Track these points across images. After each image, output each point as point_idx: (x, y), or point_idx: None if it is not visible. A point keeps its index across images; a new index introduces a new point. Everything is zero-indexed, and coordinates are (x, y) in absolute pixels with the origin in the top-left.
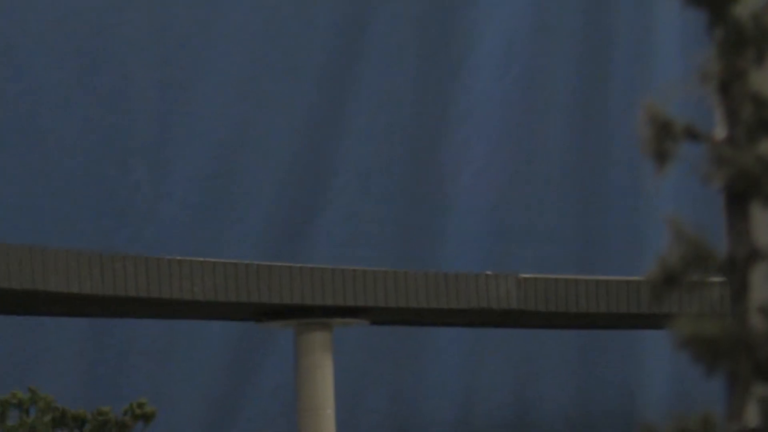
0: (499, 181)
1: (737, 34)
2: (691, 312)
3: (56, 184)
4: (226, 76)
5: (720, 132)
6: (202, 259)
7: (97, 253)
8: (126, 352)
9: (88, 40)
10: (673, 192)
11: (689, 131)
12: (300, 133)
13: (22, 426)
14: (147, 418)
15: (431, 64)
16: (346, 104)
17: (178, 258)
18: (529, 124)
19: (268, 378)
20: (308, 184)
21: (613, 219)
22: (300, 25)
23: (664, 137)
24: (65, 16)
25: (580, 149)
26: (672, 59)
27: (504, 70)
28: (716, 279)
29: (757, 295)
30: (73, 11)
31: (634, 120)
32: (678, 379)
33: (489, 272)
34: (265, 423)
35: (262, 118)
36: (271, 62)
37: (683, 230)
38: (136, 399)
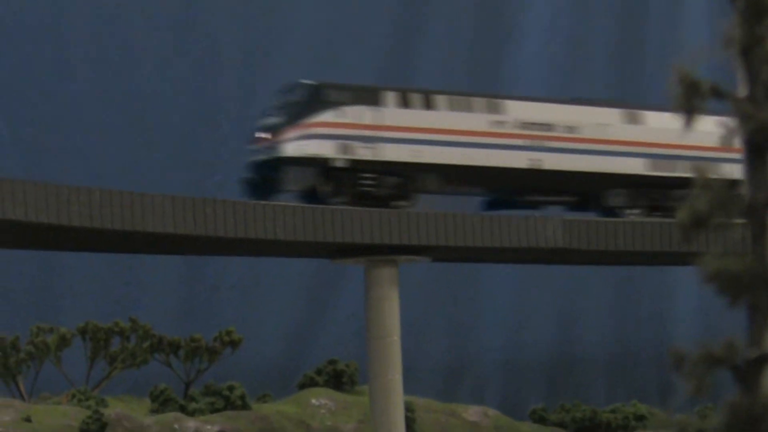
0: None
1: (757, 5)
2: (716, 251)
3: (154, 139)
4: (303, 42)
5: (742, 91)
6: (284, 203)
7: (190, 199)
8: (216, 286)
9: (181, 11)
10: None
11: (715, 90)
12: (375, 81)
13: (124, 351)
14: (234, 344)
15: (486, 29)
16: (410, 67)
17: (263, 202)
18: (572, 83)
19: (341, 308)
20: None
21: None
22: None
23: (693, 95)
24: None
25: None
26: (699, 27)
27: (550, 34)
28: (738, 222)
29: None
30: None
31: (666, 80)
32: (704, 310)
33: (537, 215)
34: (339, 348)
35: (337, 74)
36: (343, 30)
37: (709, 179)
38: (225, 327)
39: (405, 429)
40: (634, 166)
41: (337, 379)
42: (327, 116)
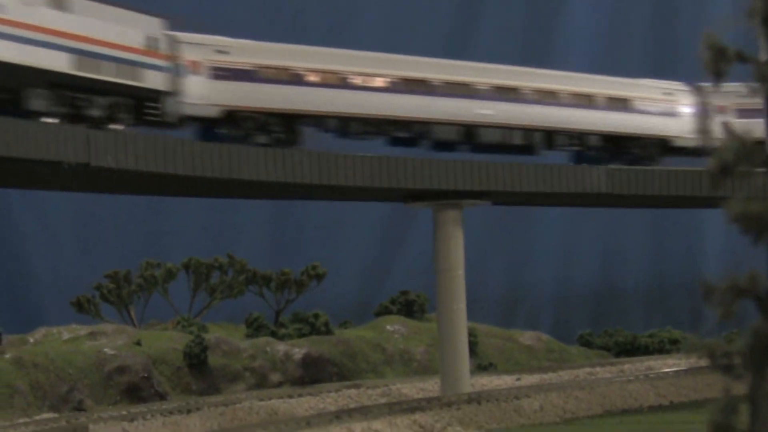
0: None
1: None
2: (740, 195)
3: None
4: (380, 14)
5: (763, 55)
6: (362, 154)
7: (280, 150)
8: (303, 226)
9: None
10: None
11: (739, 55)
12: (438, 54)
13: (222, 284)
14: (319, 277)
15: (539, 4)
16: (471, 38)
17: (344, 153)
18: (615, 52)
19: (412, 246)
20: None
21: None
22: None
23: (720, 59)
24: None
25: (655, 72)
26: (726, 1)
27: (594, 8)
28: (761, 170)
29: None
30: None
31: (697, 46)
32: (730, 247)
33: (584, 164)
34: (410, 281)
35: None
36: (413, 5)
37: (735, 132)
38: (311, 263)
39: (468, 352)
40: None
41: (409, 308)
42: None
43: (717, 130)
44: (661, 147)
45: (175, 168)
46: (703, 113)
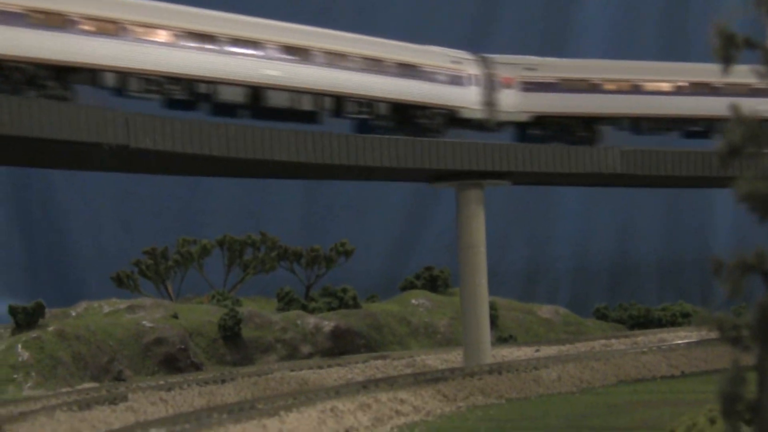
0: None
1: None
2: (748, 175)
3: None
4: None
5: None
6: (388, 136)
7: (310, 132)
8: (332, 205)
9: None
10: None
11: (748, 42)
12: (462, 43)
13: (255, 260)
14: (347, 253)
15: None
16: (493, 23)
17: (371, 136)
18: (629, 37)
19: (436, 224)
20: None
21: None
22: None
23: (729, 46)
24: None
25: (667, 56)
26: None
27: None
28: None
29: None
30: None
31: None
32: (738, 225)
33: (601, 145)
34: (434, 257)
35: (430, 37)
36: None
37: (743, 114)
38: (339, 240)
39: (489, 324)
40: None
41: (433, 283)
42: None
43: (503, 102)
44: (449, 118)
45: (210, 149)
46: (490, 85)
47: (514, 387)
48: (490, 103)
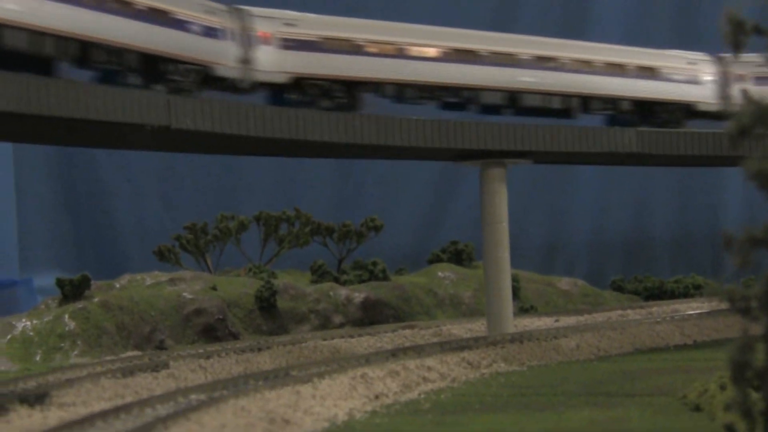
0: None
1: None
2: (757, 155)
3: None
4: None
5: None
6: (416, 117)
7: (342, 114)
8: (362, 182)
9: None
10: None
11: (757, 28)
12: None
13: (290, 234)
14: (377, 229)
15: None
16: (513, 11)
17: (399, 117)
18: (644, 26)
19: (461, 201)
20: None
21: None
22: None
23: (739, 32)
24: None
25: (681, 44)
26: None
27: None
28: None
29: None
30: None
31: (718, 21)
32: (748, 201)
33: (617, 126)
34: (459, 232)
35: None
36: None
37: (752, 97)
38: (370, 215)
39: (511, 296)
40: None
41: (458, 257)
42: None
43: (260, 60)
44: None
45: (248, 130)
46: (246, 40)
47: (535, 355)
48: (245, 60)
